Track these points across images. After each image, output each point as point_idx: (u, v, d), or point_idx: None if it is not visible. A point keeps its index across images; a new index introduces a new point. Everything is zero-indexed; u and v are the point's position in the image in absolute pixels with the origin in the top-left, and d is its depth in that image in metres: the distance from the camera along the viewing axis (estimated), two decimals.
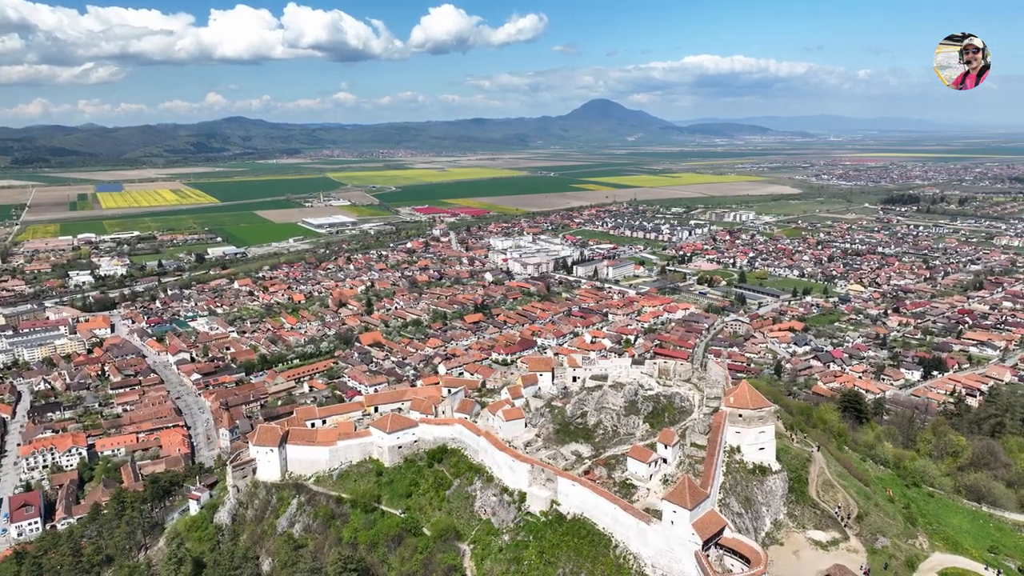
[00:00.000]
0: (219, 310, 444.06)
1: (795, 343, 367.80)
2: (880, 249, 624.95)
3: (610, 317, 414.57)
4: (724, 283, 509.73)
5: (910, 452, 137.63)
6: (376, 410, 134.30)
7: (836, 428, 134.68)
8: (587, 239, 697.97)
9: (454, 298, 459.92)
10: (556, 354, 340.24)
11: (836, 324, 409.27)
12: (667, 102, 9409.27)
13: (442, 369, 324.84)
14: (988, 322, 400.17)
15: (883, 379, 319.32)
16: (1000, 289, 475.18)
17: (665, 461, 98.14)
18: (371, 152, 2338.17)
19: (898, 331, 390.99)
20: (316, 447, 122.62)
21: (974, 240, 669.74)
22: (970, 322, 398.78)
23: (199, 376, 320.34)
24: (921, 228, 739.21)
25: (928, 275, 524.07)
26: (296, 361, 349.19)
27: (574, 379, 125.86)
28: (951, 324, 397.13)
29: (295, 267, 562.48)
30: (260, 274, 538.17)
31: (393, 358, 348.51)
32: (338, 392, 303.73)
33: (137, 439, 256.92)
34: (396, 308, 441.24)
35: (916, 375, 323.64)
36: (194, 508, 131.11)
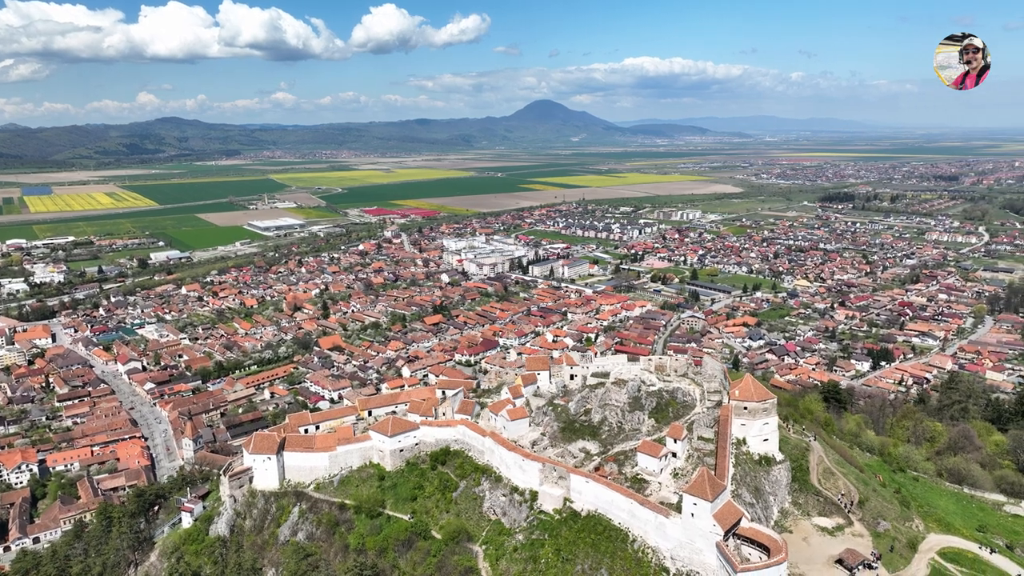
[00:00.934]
0: (168, 316, 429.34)
1: (750, 337, 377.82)
2: (822, 245, 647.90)
3: (569, 316, 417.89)
4: (677, 280, 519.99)
5: (892, 439, 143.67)
6: (370, 414, 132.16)
7: (823, 418, 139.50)
8: (540, 239, 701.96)
9: (412, 300, 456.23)
10: (519, 354, 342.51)
11: (787, 318, 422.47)
12: (609, 103, 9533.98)
13: (406, 372, 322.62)
14: (927, 314, 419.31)
15: (836, 370, 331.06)
16: (935, 282, 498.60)
17: (675, 455, 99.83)
18: (313, 153, 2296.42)
19: (845, 324, 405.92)
20: (315, 453, 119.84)
21: (907, 236, 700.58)
22: (911, 314, 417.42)
23: (153, 385, 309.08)
24: (858, 225, 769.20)
25: (868, 270, 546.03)
26: (254, 367, 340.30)
27: (571, 377, 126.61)
28: (893, 316, 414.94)
29: (245, 271, 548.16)
30: (208, 279, 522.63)
31: (355, 362, 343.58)
32: (300, 398, 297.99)
33: (92, 453, 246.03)
34: (353, 311, 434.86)
35: (866, 366, 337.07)
36: (187, 520, 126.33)
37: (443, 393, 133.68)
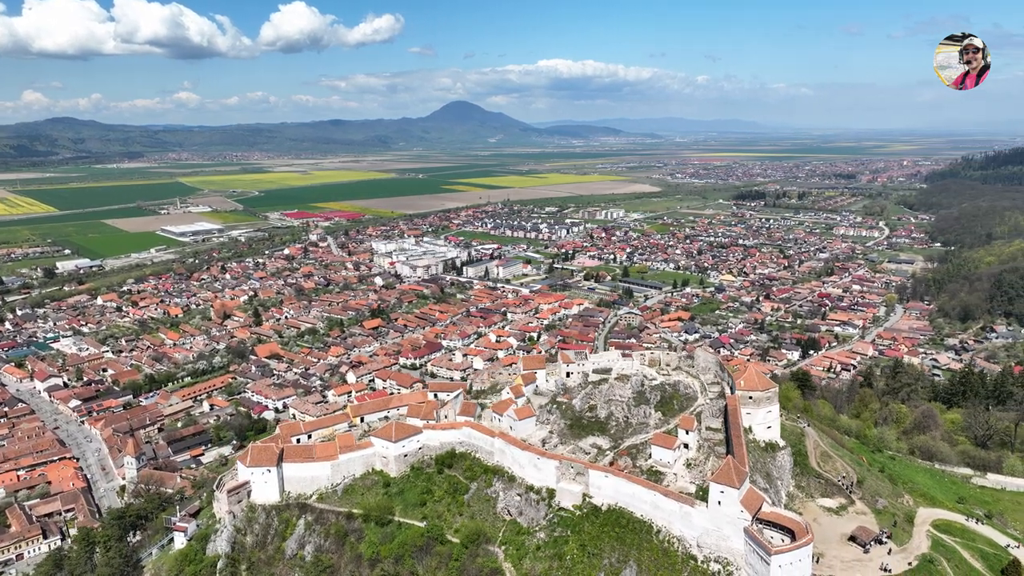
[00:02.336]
0: (85, 329, 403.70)
1: (685, 331, 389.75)
2: (741, 241, 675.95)
3: (509, 316, 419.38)
4: (609, 278, 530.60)
5: (864, 422, 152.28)
6: (362, 420, 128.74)
7: (802, 405, 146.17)
8: (470, 240, 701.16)
9: (347, 304, 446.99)
10: (464, 355, 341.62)
11: (717, 312, 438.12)
12: (525, 104, 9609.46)
13: (351, 378, 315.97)
14: (844, 304, 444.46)
15: (769, 360, 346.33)
16: (847, 274, 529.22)
17: (686, 446, 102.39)
18: (223, 155, 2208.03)
19: (771, 316, 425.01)
20: (316, 463, 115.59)
21: (817, 231, 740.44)
22: (830, 304, 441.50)
23: (79, 402, 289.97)
24: (771, 221, 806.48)
25: (786, 264, 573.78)
26: (188, 379, 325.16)
27: (568, 375, 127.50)
28: (815, 307, 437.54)
29: (164, 279, 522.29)
30: (125, 288, 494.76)
31: (296, 369, 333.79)
32: (243, 408, 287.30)
33: (18, 478, 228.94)
34: (287, 317, 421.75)
35: (796, 355, 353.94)
36: (179, 541, 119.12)
37: (435, 396, 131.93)
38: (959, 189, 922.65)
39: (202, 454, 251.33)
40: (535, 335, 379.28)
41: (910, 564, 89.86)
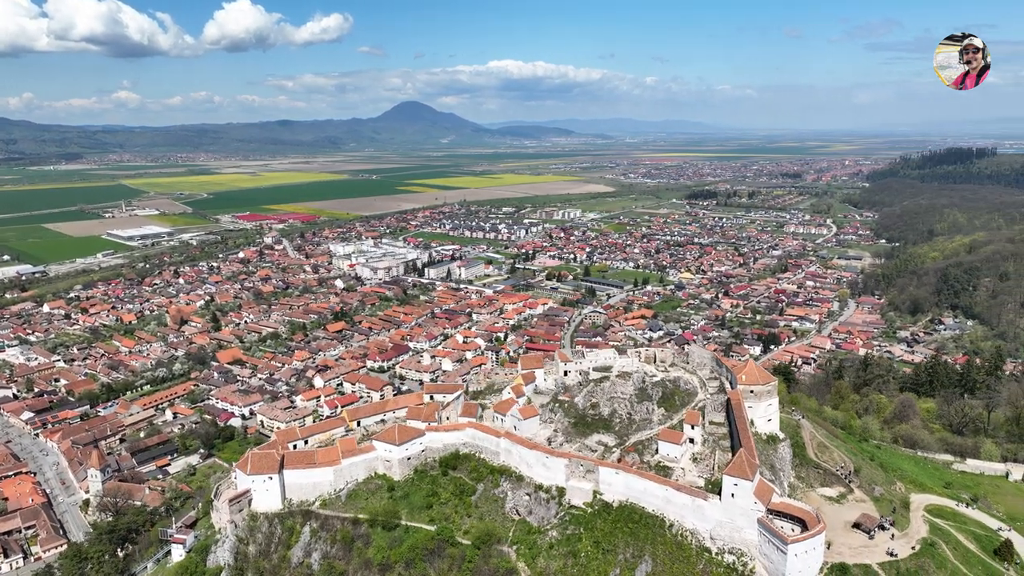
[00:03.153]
0: (32, 338, 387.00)
1: (650, 329, 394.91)
2: (696, 240, 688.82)
3: (475, 316, 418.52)
4: (571, 277, 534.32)
5: (848, 412, 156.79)
6: (359, 424, 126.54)
7: (789, 398, 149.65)
8: (429, 241, 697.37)
9: (308, 307, 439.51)
10: (433, 357, 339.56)
11: (679, 309, 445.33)
12: (476, 105, 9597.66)
13: (319, 382, 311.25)
14: (799, 300, 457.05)
15: (732, 355, 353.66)
16: (800, 271, 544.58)
17: (692, 441, 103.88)
18: (167, 156, 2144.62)
19: (731, 312, 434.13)
20: (318, 469, 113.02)
21: (769, 229, 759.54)
22: (786, 300, 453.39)
23: (32, 415, 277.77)
24: (724, 220, 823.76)
25: (742, 261, 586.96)
26: (147, 387, 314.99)
27: (566, 373, 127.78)
28: (772, 303, 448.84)
29: (114, 284, 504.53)
30: (73, 294, 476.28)
31: (260, 375, 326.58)
32: (208, 416, 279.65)
33: None
34: (247, 322, 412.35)
35: (757, 350, 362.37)
36: (177, 553, 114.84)
37: (431, 398, 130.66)
38: (900, 188, 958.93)
39: (168, 464, 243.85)
40: (502, 335, 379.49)
41: (913, 548, 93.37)
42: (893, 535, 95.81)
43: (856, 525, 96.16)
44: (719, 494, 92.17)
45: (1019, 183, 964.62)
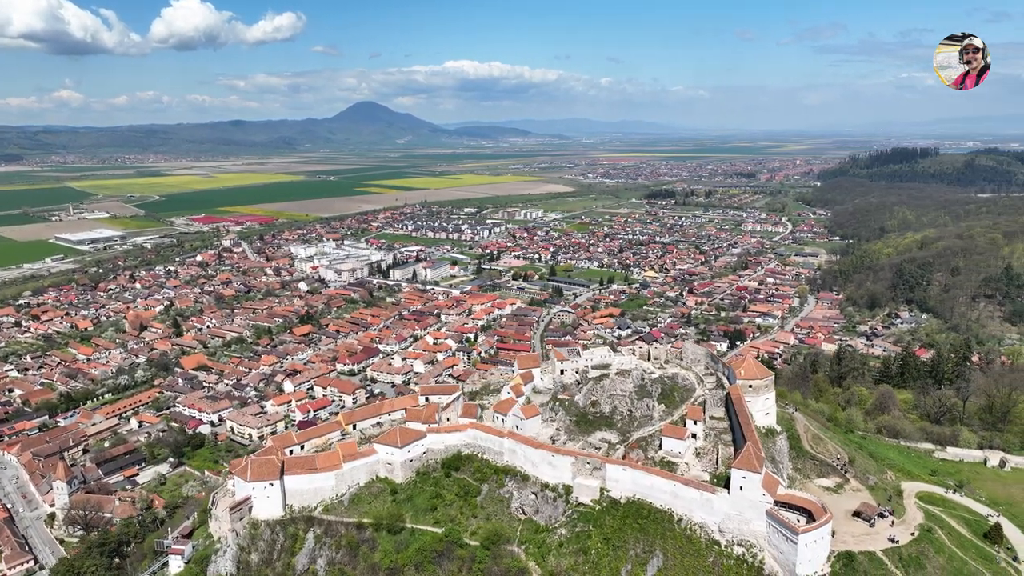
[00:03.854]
0: None
1: (618, 327, 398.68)
2: (658, 239, 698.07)
3: (443, 317, 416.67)
4: (537, 277, 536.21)
5: (831, 404, 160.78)
6: (355, 427, 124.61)
7: (776, 392, 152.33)
8: (392, 242, 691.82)
9: (272, 311, 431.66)
10: (404, 359, 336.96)
11: (645, 307, 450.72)
12: (432, 105, 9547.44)
13: (288, 386, 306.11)
14: (761, 296, 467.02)
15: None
16: (760, 268, 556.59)
17: (694, 436, 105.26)
18: (114, 157, 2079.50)
19: (696, 309, 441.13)
20: (319, 474, 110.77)
21: (727, 227, 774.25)
22: (748, 297, 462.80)
23: None
24: (683, 219, 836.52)
25: (703, 259, 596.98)
26: (109, 396, 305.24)
27: (562, 372, 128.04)
28: (735, 300, 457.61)
29: (66, 290, 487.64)
30: (22, 301, 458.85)
31: (227, 380, 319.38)
32: (175, 423, 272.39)
33: None
34: (210, 327, 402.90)
35: (724, 346, 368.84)
36: (176, 565, 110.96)
37: (426, 400, 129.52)
38: (850, 186, 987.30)
39: (137, 474, 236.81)
40: (472, 336, 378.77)
41: (913, 534, 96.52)
42: (892, 522, 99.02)
43: (856, 514, 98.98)
44: (726, 488, 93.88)
45: (960, 181, 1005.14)
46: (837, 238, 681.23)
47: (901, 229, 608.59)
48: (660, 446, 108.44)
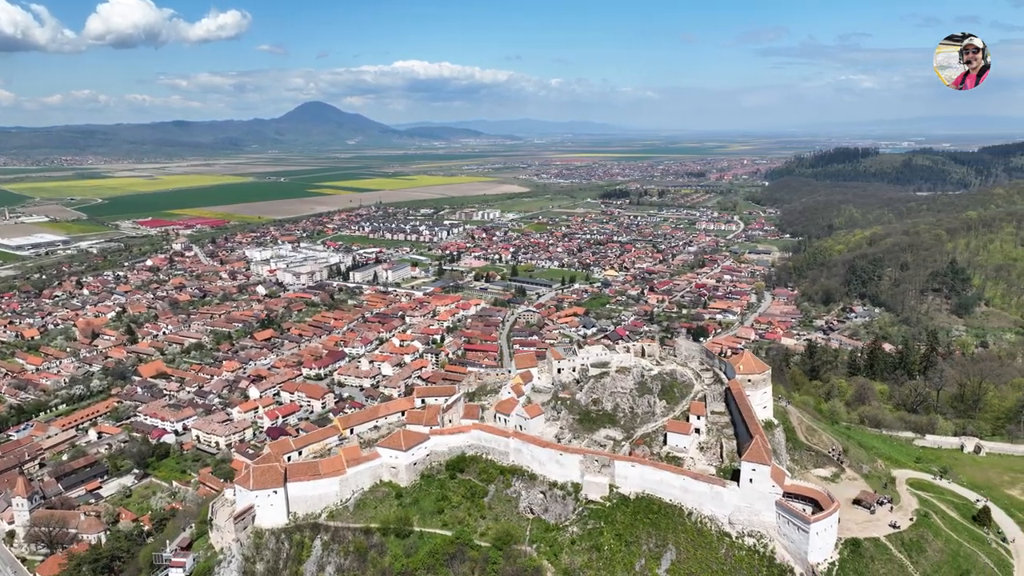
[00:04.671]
0: None
1: (583, 326, 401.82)
2: (616, 238, 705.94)
3: (408, 320, 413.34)
4: (499, 277, 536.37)
5: (814, 396, 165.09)
6: (352, 432, 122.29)
7: None
8: (349, 244, 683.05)
9: (231, 316, 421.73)
10: (371, 362, 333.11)
11: (608, 306, 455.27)
12: (382, 105, 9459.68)
13: (254, 392, 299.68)
14: (720, 293, 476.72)
15: (665, 348, 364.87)
16: (717, 266, 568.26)
17: (698, 431, 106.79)
18: (50, 159, 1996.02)
19: (658, 307, 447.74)
20: (323, 479, 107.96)
21: (682, 226, 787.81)
22: (708, 294, 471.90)
23: None
24: (639, 218, 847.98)
25: (661, 258, 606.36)
26: (63, 407, 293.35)
27: (559, 371, 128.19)
28: (695, 297, 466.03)
29: (8, 297, 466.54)
30: None
31: (189, 388, 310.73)
32: (137, 434, 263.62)
33: None
34: (167, 333, 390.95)
35: (688, 343, 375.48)
36: None
37: (422, 402, 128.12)
38: (797, 185, 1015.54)
39: (100, 487, 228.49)
40: (439, 337, 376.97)
41: (911, 519, 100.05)
42: (891, 509, 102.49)
43: (857, 501, 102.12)
44: (733, 480, 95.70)
45: (899, 180, 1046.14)
46: (788, 236, 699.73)
47: (848, 226, 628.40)
48: (664, 442, 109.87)
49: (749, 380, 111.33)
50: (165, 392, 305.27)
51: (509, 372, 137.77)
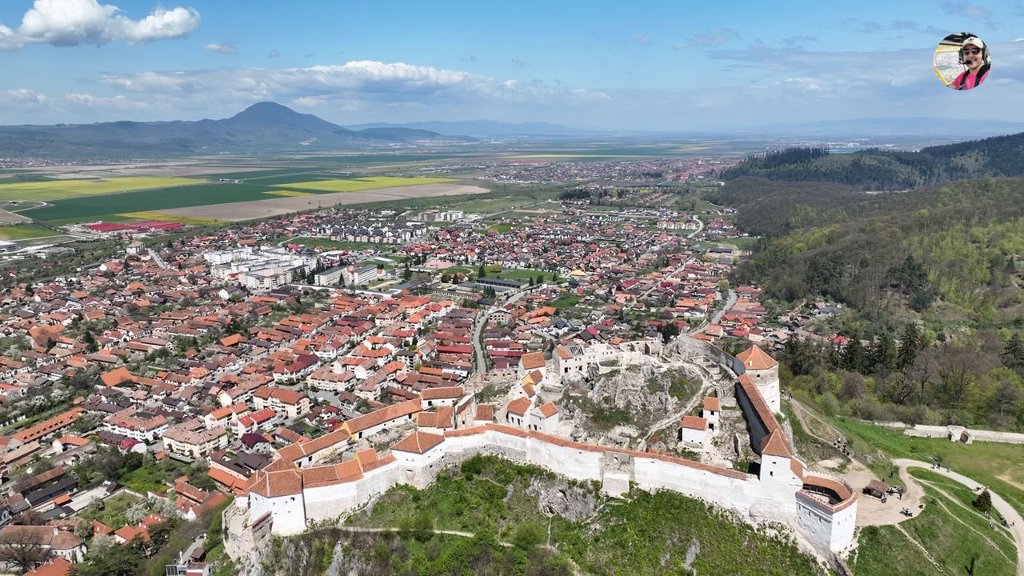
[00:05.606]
0: None
1: (555, 326, 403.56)
2: (580, 238, 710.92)
3: (378, 322, 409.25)
4: (467, 279, 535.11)
5: (810, 390, 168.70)
6: (360, 435, 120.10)
7: None
8: (311, 246, 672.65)
9: (194, 321, 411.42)
10: (345, 366, 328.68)
11: (578, 305, 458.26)
12: (335, 106, 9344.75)
13: (225, 399, 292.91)
14: (686, 292, 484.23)
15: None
16: (681, 264, 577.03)
17: (711, 427, 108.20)
18: None
19: (627, 306, 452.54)
20: (340, 484, 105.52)
21: (643, 226, 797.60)
22: (674, 292, 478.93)
23: None
24: (601, 218, 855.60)
25: (626, 257, 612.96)
26: (22, 418, 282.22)
27: (566, 370, 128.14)
28: (663, 296, 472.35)
29: None
30: None
31: (156, 395, 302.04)
32: (105, 444, 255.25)
33: None
34: (129, 340, 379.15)
35: (659, 341, 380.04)
36: None
37: (429, 403, 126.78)
38: (752, 185, 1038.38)
39: (70, 500, 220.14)
40: (411, 340, 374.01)
41: (920, 507, 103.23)
42: (900, 497, 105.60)
43: (867, 491, 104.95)
44: (751, 473, 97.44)
45: (849, 179, 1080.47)
46: (746, 234, 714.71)
47: (805, 225, 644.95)
48: (679, 437, 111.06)
49: (759, 375, 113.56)
50: (132, 400, 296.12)
51: (481, 375, 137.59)
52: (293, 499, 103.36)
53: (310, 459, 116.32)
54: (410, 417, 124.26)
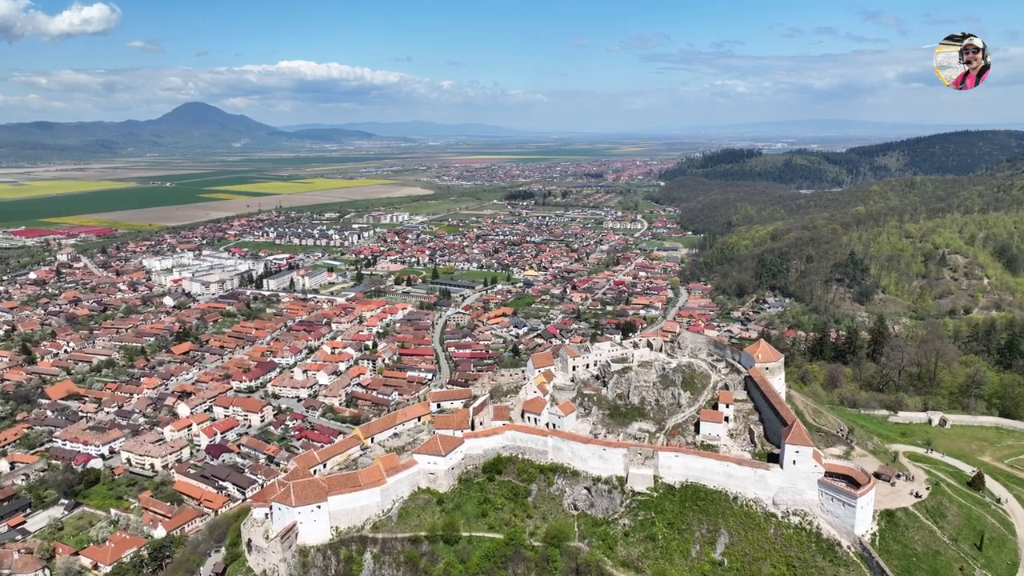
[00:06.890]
0: None
1: (515, 326, 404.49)
2: (529, 239, 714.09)
3: (334, 326, 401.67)
4: (420, 280, 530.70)
5: (795, 381, 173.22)
6: (372, 440, 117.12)
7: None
8: (255, 250, 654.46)
9: (139, 330, 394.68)
10: (305, 372, 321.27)
11: (534, 305, 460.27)
12: (268, 107, 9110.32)
13: (183, 409, 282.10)
14: (639, 290, 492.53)
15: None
16: (630, 263, 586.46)
17: (727, 419, 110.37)
18: None
19: (583, 304, 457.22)
20: (364, 491, 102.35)
21: (590, 226, 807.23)
22: (628, 291, 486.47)
23: None
24: (547, 219, 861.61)
25: (576, 257, 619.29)
26: None
27: (574, 368, 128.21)
28: (617, 294, 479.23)
29: None
30: None
31: (107, 408, 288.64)
32: (57, 461, 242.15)
33: None
34: (70, 351, 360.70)
35: (618, 338, 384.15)
36: None
37: (438, 406, 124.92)
38: (692, 184, 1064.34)
39: (24, 522, 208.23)
40: (370, 343, 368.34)
41: (928, 489, 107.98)
42: (907, 480, 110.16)
43: (877, 475, 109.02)
44: (771, 463, 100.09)
45: (782, 178, 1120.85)
46: (690, 233, 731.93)
47: (746, 223, 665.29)
48: (697, 431, 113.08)
49: (767, 368, 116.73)
50: (82, 414, 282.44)
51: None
52: (319, 507, 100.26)
53: (325, 466, 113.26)
54: (419, 420, 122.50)
